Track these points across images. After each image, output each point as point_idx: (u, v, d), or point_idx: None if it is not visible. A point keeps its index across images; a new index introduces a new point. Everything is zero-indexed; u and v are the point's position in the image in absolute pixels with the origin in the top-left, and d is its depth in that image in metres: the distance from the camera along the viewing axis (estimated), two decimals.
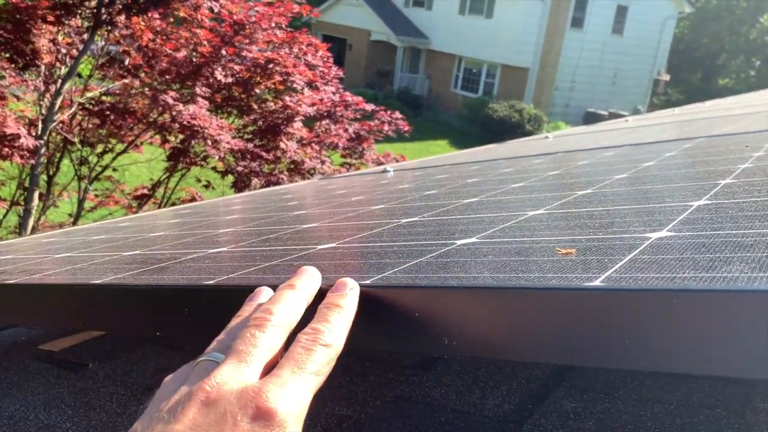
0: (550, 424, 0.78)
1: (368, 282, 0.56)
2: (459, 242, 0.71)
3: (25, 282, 0.88)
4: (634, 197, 0.87)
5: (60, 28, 5.45)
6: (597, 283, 0.45)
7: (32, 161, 5.44)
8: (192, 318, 0.65)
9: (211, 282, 0.65)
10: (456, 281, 0.52)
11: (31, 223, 5.78)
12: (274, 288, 0.57)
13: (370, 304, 0.53)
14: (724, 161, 1.15)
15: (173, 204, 6.72)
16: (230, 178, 6.39)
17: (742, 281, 0.40)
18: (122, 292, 0.70)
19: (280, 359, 0.49)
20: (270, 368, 0.48)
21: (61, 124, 5.86)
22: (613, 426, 0.76)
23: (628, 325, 0.41)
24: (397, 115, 7.06)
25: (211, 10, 6.10)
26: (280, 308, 0.53)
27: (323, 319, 0.52)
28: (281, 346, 0.51)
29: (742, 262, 0.45)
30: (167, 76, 6.18)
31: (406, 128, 7.13)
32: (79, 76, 6.12)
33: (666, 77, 27.43)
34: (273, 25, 6.44)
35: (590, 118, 20.06)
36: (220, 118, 6.41)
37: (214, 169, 6.66)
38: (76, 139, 6.27)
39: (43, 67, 5.56)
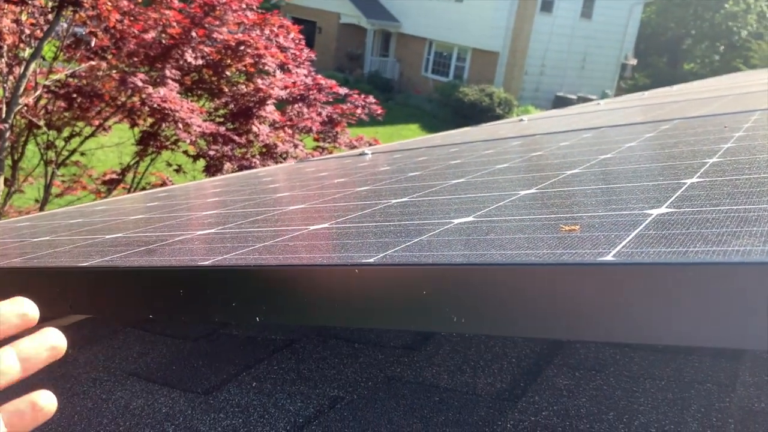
0: (545, 402, 0.79)
1: (372, 260, 0.55)
2: (456, 221, 0.70)
3: (5, 266, 0.85)
4: (625, 176, 0.88)
5: (23, 8, 5.29)
6: (609, 258, 0.44)
7: None
8: (187, 299, 0.64)
9: (207, 263, 0.63)
10: (462, 258, 0.51)
11: None
12: (266, 272, 0.56)
13: (375, 282, 0.53)
14: (706, 141, 1.16)
15: (143, 189, 6.61)
16: (202, 162, 6.30)
17: (756, 254, 0.40)
18: (113, 274, 0.68)
19: None
20: None
21: (25, 107, 5.71)
22: (605, 402, 0.77)
23: (642, 300, 0.41)
24: (371, 99, 7.02)
25: None
26: None
27: None
28: None
29: (751, 236, 0.45)
30: (135, 58, 6.05)
31: (380, 112, 7.10)
32: (44, 58, 5.95)
33: (633, 62, 27.73)
34: (244, 6, 6.33)
35: (559, 102, 20.23)
36: (191, 101, 6.30)
37: (185, 153, 6.55)
38: (41, 123, 6.11)
39: (5, 48, 5.40)
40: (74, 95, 5.93)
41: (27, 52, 5.35)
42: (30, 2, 5.10)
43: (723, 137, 1.19)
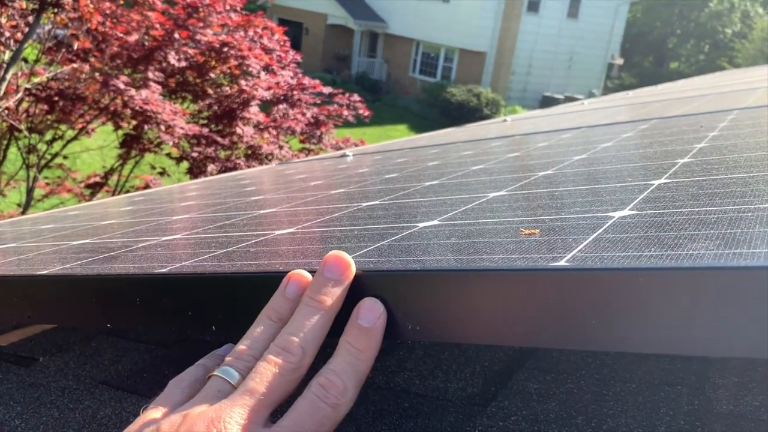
0: (514, 406, 0.78)
1: None
2: (421, 225, 0.69)
3: None
4: (595, 177, 0.87)
5: (3, 10, 5.24)
6: (562, 263, 0.44)
7: None
8: (144, 308, 0.62)
9: (164, 270, 0.62)
10: (418, 264, 0.50)
11: None
12: (220, 280, 0.54)
13: None
14: (681, 141, 1.16)
15: (127, 192, 6.57)
16: (185, 164, 6.27)
17: (708, 258, 0.40)
18: (68, 282, 0.67)
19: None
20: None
21: (6, 111, 5.66)
22: (575, 406, 0.76)
23: (594, 306, 0.40)
24: (356, 97, 7.00)
25: None
26: (307, 340, 0.50)
27: (343, 367, 0.49)
28: (296, 384, 0.49)
29: (706, 239, 0.44)
30: (118, 61, 6.01)
31: (366, 112, 7.08)
32: (25, 60, 5.90)
33: (619, 61, 27.88)
34: (227, 7, 6.30)
35: (546, 102, 20.32)
36: (174, 103, 6.27)
37: (168, 155, 6.52)
38: (22, 126, 6.05)
39: None
40: (56, 98, 5.88)
41: (7, 55, 5.29)
42: (9, 4, 5.05)
43: (697, 137, 1.19)
